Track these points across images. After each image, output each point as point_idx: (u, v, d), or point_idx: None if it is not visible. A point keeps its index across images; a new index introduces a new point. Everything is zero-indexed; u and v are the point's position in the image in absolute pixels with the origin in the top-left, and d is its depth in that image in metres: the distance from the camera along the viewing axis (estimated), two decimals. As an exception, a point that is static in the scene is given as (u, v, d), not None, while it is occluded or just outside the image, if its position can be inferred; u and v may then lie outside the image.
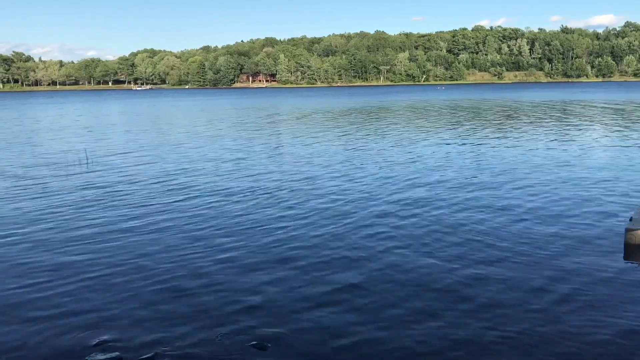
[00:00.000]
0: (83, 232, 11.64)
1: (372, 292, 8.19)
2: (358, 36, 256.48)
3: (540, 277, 8.62)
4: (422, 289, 8.27)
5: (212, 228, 11.78)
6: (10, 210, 13.83)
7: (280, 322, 7.28)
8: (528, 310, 7.47)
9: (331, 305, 7.75)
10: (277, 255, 9.92)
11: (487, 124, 37.38)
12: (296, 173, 18.62)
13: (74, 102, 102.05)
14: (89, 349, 6.68)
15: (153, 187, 16.61)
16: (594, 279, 8.55)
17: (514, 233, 11.02)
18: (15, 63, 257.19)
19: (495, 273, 8.86)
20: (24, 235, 11.52)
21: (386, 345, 6.64)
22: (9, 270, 9.40)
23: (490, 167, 19.02)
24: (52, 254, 10.25)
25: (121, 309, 7.77)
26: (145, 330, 7.11)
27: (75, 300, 8.09)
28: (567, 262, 9.31)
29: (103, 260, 9.80)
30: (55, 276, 9.07)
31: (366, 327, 7.08)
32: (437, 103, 71.64)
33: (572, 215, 12.26)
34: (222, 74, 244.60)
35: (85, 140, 31.72)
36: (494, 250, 9.96)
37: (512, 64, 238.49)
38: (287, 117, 49.95)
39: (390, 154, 22.99)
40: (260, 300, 7.99)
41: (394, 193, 15.03)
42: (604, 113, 46.82)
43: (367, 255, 9.83)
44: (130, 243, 10.83)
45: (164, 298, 8.13)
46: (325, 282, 8.63)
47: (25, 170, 20.36)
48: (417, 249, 10.18)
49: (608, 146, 24.38)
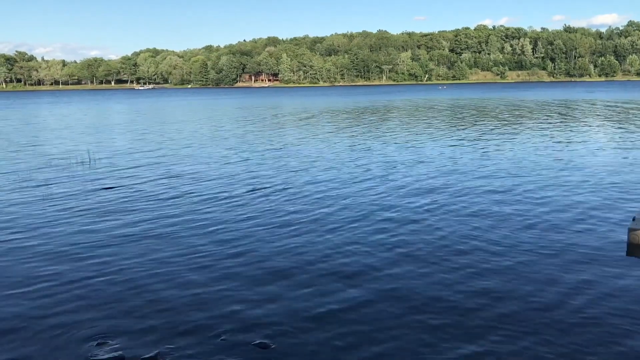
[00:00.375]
0: (85, 234, 11.65)
1: (381, 301, 8.19)
2: (360, 35, 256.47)
3: (542, 277, 8.59)
4: (428, 304, 8.27)
5: (217, 231, 11.78)
6: (13, 210, 13.86)
7: (284, 323, 7.28)
8: (527, 309, 7.45)
9: (336, 312, 7.74)
10: (282, 262, 9.89)
11: (492, 124, 37.32)
12: (309, 175, 18.63)
13: (79, 102, 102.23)
14: (92, 348, 6.68)
15: (159, 188, 16.64)
16: (597, 278, 8.52)
17: (515, 235, 10.99)
18: (18, 62, 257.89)
19: (497, 275, 8.86)
20: (25, 235, 11.54)
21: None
22: (10, 271, 9.42)
23: (495, 168, 18.99)
24: (54, 254, 10.26)
25: (124, 308, 7.77)
26: (148, 330, 7.11)
27: (77, 300, 8.09)
28: (570, 261, 9.27)
29: (106, 261, 9.81)
30: (58, 276, 9.09)
31: (371, 335, 7.08)
32: (442, 102, 71.57)
33: (575, 215, 12.21)
34: (224, 73, 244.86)
35: (90, 139, 31.79)
36: (497, 248, 9.96)
37: (515, 63, 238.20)
38: (294, 117, 49.91)
39: (400, 156, 22.98)
40: (265, 303, 7.98)
41: (405, 197, 15.04)
42: (608, 112, 46.72)
43: (377, 263, 9.83)
44: (132, 243, 10.83)
45: (167, 298, 8.13)
46: (333, 289, 8.61)
47: (31, 169, 20.41)
48: (425, 259, 10.17)
49: (612, 146, 24.31)
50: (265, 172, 18.84)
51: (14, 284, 8.74)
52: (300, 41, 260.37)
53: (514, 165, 19.15)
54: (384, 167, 19.24)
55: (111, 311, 7.67)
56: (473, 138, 28.38)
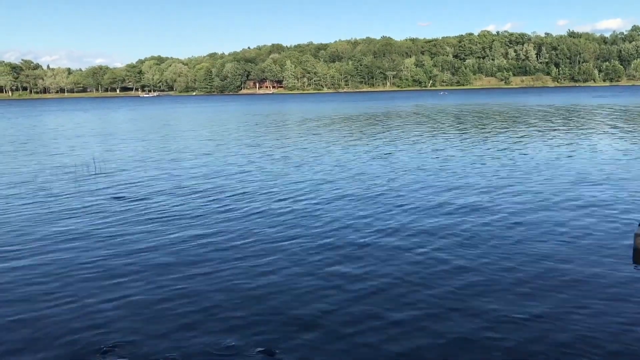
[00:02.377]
0: (92, 237, 11.69)
1: (396, 300, 8.19)
2: (364, 42, 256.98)
3: (548, 282, 8.57)
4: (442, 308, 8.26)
5: (221, 232, 11.81)
6: (20, 216, 13.93)
7: (290, 329, 7.28)
8: (536, 316, 7.43)
9: (345, 315, 7.75)
10: (291, 264, 9.90)
11: (496, 129, 37.27)
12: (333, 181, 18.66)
13: (90, 110, 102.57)
14: (96, 353, 6.70)
15: (169, 191, 16.70)
16: (604, 283, 8.48)
17: (521, 238, 10.97)
18: (24, 71, 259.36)
19: (500, 277, 8.84)
20: (30, 238, 11.60)
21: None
22: (16, 275, 9.46)
23: (502, 173, 18.97)
24: (59, 257, 10.30)
25: (128, 313, 7.79)
26: (153, 335, 7.13)
27: (82, 305, 8.11)
28: (577, 266, 9.25)
29: (111, 265, 9.85)
30: (62, 281, 9.13)
31: (380, 337, 7.08)
32: (446, 109, 71.52)
33: (582, 220, 12.18)
34: (229, 80, 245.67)
35: (99, 147, 31.95)
36: (500, 251, 9.94)
37: (519, 68, 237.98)
38: (303, 124, 49.97)
39: (420, 162, 22.99)
40: (271, 307, 7.99)
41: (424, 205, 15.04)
42: (614, 117, 46.57)
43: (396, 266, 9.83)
44: (137, 249, 10.87)
45: (172, 303, 8.14)
46: (344, 289, 8.62)
47: (38, 177, 20.52)
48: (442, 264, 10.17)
49: (620, 150, 24.20)
50: (274, 178, 18.88)
51: (15, 283, 8.77)
52: (304, 48, 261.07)
53: (523, 169, 19.11)
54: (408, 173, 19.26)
55: (117, 315, 7.69)
56: (482, 142, 28.35)
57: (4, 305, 8.26)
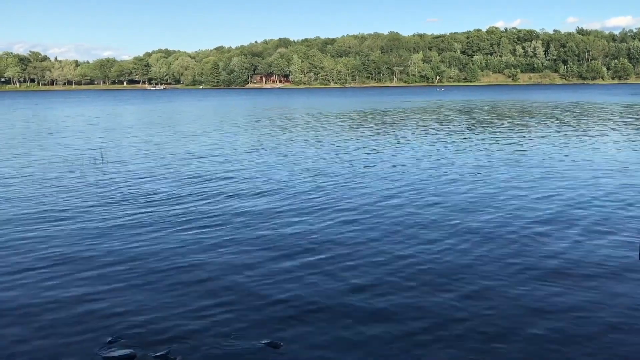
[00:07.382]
0: (97, 229, 11.75)
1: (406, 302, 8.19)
2: (372, 37, 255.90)
3: (553, 289, 8.45)
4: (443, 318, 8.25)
5: (230, 226, 11.83)
6: (26, 206, 14.01)
7: (296, 323, 7.29)
8: (542, 320, 7.40)
9: (353, 312, 7.76)
10: (299, 257, 9.91)
11: (502, 126, 37.14)
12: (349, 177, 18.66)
13: (101, 101, 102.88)
14: (103, 344, 6.73)
15: (176, 183, 16.74)
16: (610, 290, 8.33)
17: (526, 241, 10.93)
18: (31, 63, 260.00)
19: (503, 281, 8.83)
20: (36, 230, 11.66)
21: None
22: (22, 266, 9.51)
23: (507, 173, 18.93)
24: (65, 250, 10.35)
25: (135, 305, 7.82)
26: (159, 327, 7.15)
27: (88, 296, 8.15)
28: (582, 271, 9.15)
29: (118, 257, 9.88)
30: (68, 271, 9.17)
31: (386, 337, 7.08)
32: (453, 104, 71.29)
33: (587, 225, 11.95)
34: (235, 74, 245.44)
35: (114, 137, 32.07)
36: (501, 252, 9.92)
37: (527, 65, 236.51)
38: (310, 119, 49.95)
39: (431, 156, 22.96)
40: (278, 300, 8.00)
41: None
42: (622, 116, 46.26)
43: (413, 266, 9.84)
44: (144, 240, 10.90)
45: (178, 294, 8.17)
46: (353, 286, 8.61)
47: (46, 168, 20.63)
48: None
49: (627, 152, 24.02)
50: (282, 172, 18.91)
51: (21, 274, 8.82)
52: (311, 42, 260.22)
53: (528, 170, 19.05)
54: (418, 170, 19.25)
55: (123, 307, 7.72)
56: (486, 141, 28.28)
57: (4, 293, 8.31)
